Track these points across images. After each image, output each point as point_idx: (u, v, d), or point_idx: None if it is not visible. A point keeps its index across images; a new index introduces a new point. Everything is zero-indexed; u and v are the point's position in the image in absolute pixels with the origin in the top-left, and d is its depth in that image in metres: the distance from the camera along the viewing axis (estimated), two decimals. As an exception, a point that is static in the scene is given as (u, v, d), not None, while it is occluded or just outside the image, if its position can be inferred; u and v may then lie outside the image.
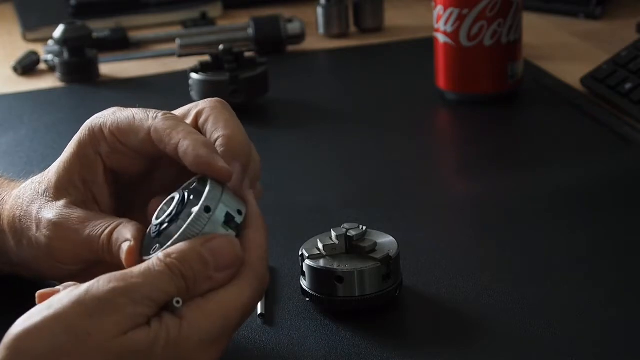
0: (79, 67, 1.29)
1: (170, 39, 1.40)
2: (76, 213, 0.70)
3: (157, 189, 0.72)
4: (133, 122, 0.69)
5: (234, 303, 0.62)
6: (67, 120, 1.18)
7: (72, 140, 0.72)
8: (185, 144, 0.65)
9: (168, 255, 0.62)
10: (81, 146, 0.71)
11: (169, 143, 0.66)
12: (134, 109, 0.70)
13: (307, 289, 0.75)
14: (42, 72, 1.34)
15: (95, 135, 0.70)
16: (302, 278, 0.76)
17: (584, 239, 0.84)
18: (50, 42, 1.37)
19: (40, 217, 0.71)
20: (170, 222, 0.65)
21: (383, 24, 1.42)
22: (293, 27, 1.35)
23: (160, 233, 0.65)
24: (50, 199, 0.71)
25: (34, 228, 0.71)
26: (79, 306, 0.59)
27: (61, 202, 0.71)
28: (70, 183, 0.71)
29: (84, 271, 0.71)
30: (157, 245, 0.64)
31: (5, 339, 0.59)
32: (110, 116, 0.70)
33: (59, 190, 0.71)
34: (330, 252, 0.75)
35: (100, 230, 0.69)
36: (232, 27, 1.40)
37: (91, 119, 0.71)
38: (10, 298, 0.75)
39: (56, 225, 0.70)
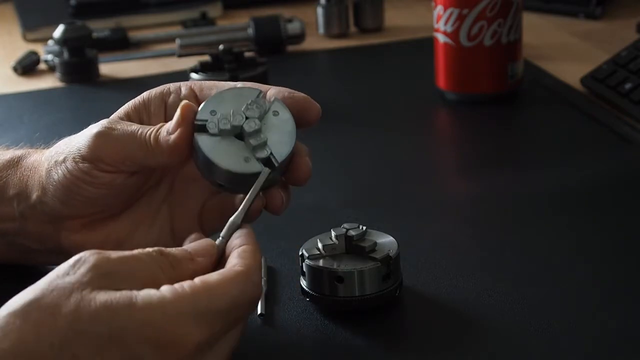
0: (79, 67, 1.29)
1: (170, 39, 1.40)
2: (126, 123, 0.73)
3: None
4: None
5: (219, 283, 0.61)
6: (67, 120, 1.18)
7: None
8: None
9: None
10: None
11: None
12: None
13: (307, 289, 0.75)
14: (42, 72, 1.34)
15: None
16: (302, 278, 0.76)
17: (583, 239, 0.84)
18: (50, 42, 1.37)
19: (87, 132, 0.73)
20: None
21: (383, 24, 1.42)
22: (293, 27, 1.35)
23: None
24: None
25: (77, 140, 0.73)
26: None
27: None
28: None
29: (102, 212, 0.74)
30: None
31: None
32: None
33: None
34: (330, 252, 0.75)
35: (148, 128, 0.71)
36: (232, 27, 1.40)
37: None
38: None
39: (106, 127, 0.72)
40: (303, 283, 0.76)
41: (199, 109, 0.70)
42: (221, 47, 1.15)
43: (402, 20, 1.45)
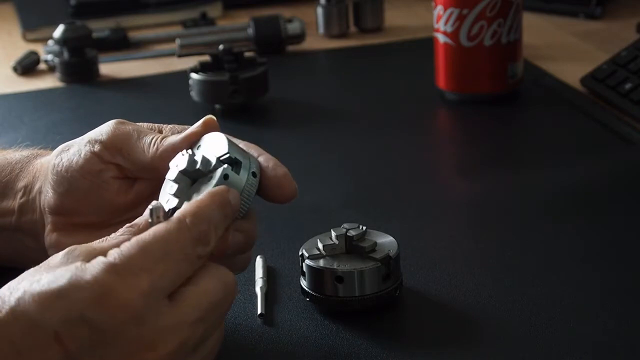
0: (79, 67, 1.29)
1: (170, 39, 1.40)
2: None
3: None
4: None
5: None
6: (67, 120, 1.18)
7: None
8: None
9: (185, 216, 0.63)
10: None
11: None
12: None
13: (307, 289, 0.75)
14: (42, 72, 1.34)
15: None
16: (302, 278, 0.76)
17: (584, 238, 0.84)
18: (50, 42, 1.37)
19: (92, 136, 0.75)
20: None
21: (383, 24, 1.42)
22: (293, 27, 1.35)
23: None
24: None
25: (80, 141, 0.75)
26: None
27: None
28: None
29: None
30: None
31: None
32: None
33: None
34: (330, 252, 0.75)
35: (152, 135, 0.73)
36: (232, 27, 1.40)
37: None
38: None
39: (120, 120, 0.75)
40: (303, 283, 0.76)
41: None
42: (221, 47, 1.15)
43: (402, 20, 1.45)
